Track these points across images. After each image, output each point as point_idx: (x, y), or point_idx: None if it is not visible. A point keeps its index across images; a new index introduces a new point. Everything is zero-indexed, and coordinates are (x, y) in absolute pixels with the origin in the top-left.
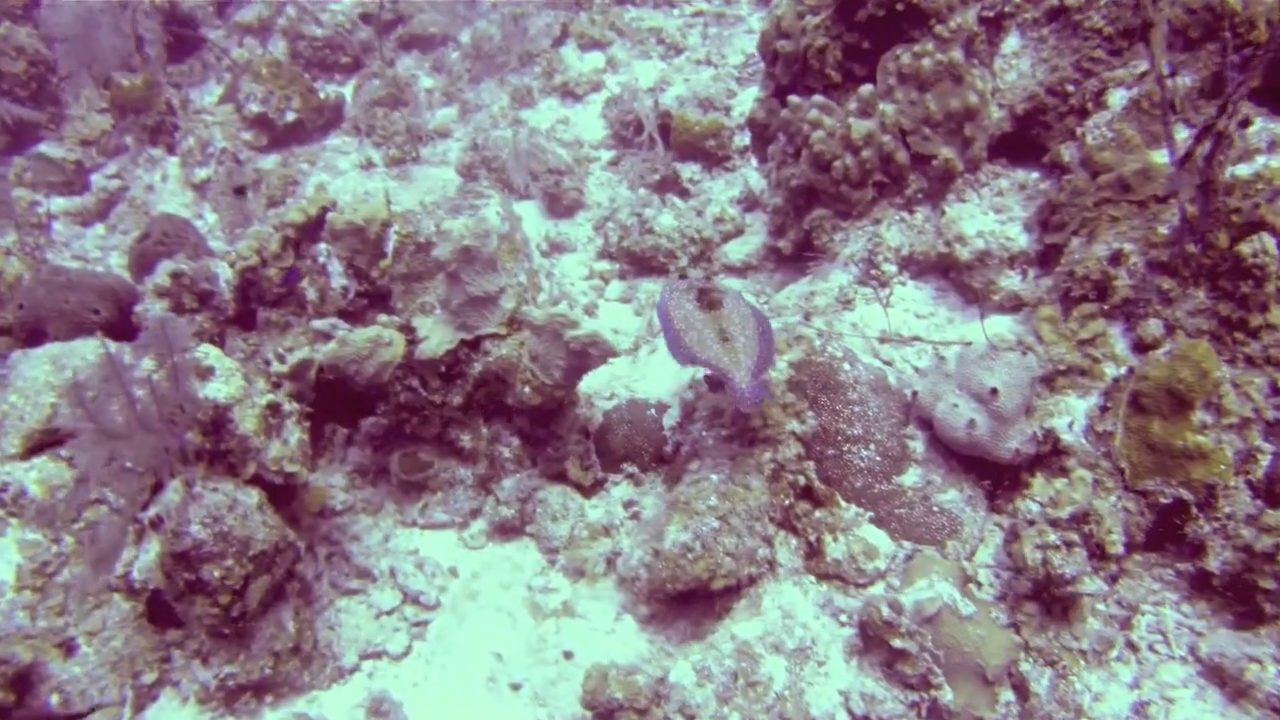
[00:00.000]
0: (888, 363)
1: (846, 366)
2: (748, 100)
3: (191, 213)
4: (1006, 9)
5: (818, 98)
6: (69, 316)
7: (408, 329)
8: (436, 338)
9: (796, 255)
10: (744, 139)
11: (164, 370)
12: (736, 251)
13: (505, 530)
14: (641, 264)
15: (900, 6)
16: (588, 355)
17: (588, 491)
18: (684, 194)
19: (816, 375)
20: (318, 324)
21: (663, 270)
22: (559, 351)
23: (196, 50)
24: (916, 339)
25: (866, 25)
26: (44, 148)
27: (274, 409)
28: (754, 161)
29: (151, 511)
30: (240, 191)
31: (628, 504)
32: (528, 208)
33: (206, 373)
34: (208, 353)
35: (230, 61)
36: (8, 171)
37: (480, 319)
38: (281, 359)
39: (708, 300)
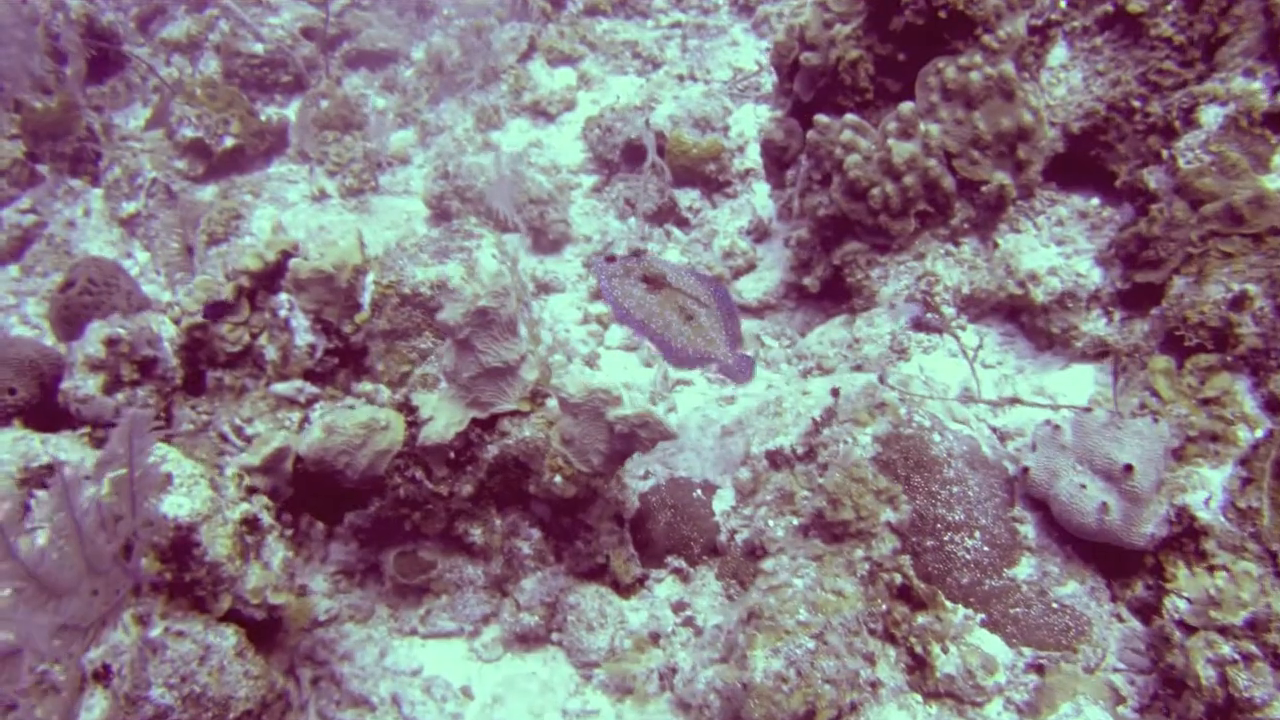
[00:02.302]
0: (961, 421)
1: (937, 438)
2: (745, 119)
3: (119, 251)
4: (1053, 16)
5: (850, 117)
6: None
7: (407, 407)
8: (444, 418)
9: (824, 293)
10: (744, 161)
11: (112, 484)
12: (751, 289)
13: (526, 639)
14: None
15: (942, 14)
16: (635, 438)
17: (626, 591)
18: (683, 224)
19: (907, 451)
20: (280, 388)
21: None
22: (600, 434)
23: (119, 70)
24: (1017, 401)
25: (902, 35)
26: None
27: (251, 524)
28: (757, 187)
29: (94, 654)
30: (190, 250)
31: (677, 606)
32: (509, 243)
33: (163, 482)
34: (164, 454)
35: (158, 81)
36: None
37: (497, 394)
38: (240, 432)
39: (653, 281)
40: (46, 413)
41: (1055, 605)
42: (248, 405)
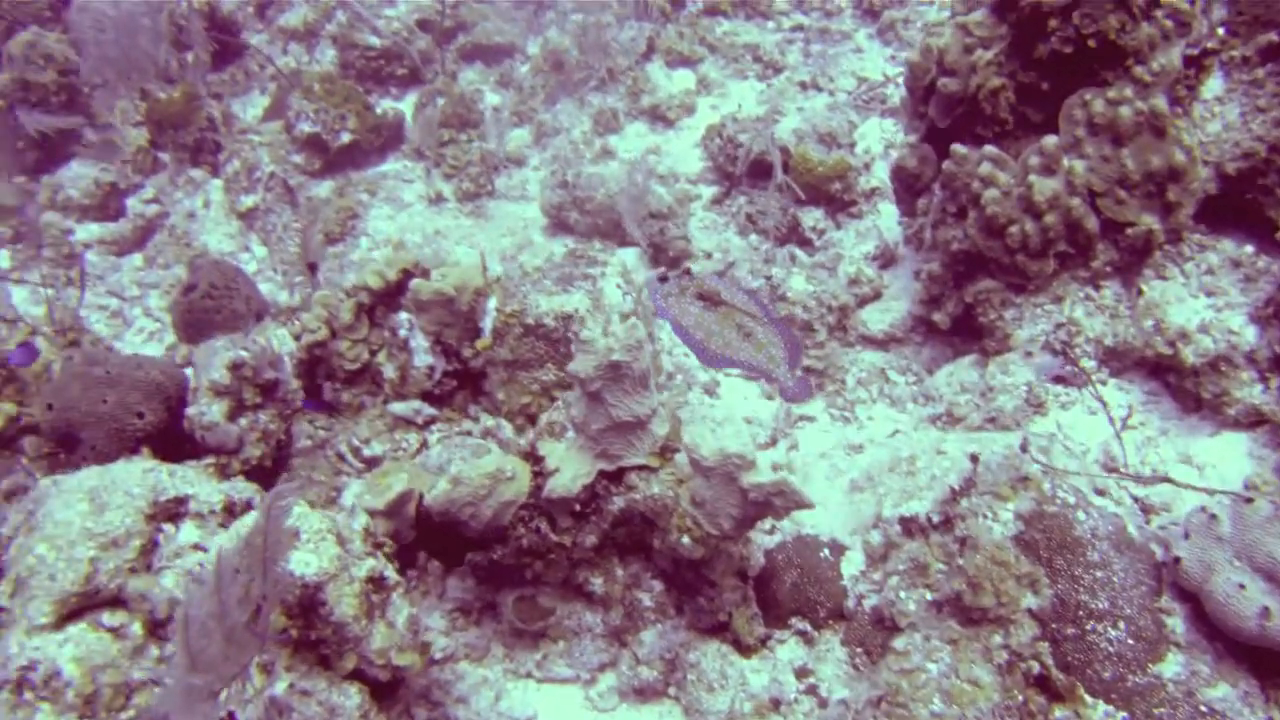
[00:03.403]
0: (1100, 491)
1: (1081, 516)
2: (871, 133)
3: (237, 244)
4: (1210, 45)
5: (990, 149)
6: (107, 421)
7: (533, 456)
8: (571, 470)
9: (954, 329)
10: (870, 180)
11: (247, 548)
12: (877, 320)
13: (643, 693)
14: None
15: (1091, 43)
16: (769, 505)
17: (748, 651)
18: (805, 244)
19: (1050, 531)
20: (397, 408)
21: None
22: (732, 498)
23: (238, 57)
24: (1168, 480)
25: (1047, 63)
26: (75, 166)
27: (376, 582)
28: (883, 207)
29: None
30: (314, 268)
31: (800, 671)
32: (625, 255)
33: (292, 538)
34: (293, 509)
35: (275, 71)
36: (37, 192)
37: (625, 447)
38: (358, 453)
39: (709, 299)
40: (172, 437)
41: (1204, 709)
42: (365, 424)
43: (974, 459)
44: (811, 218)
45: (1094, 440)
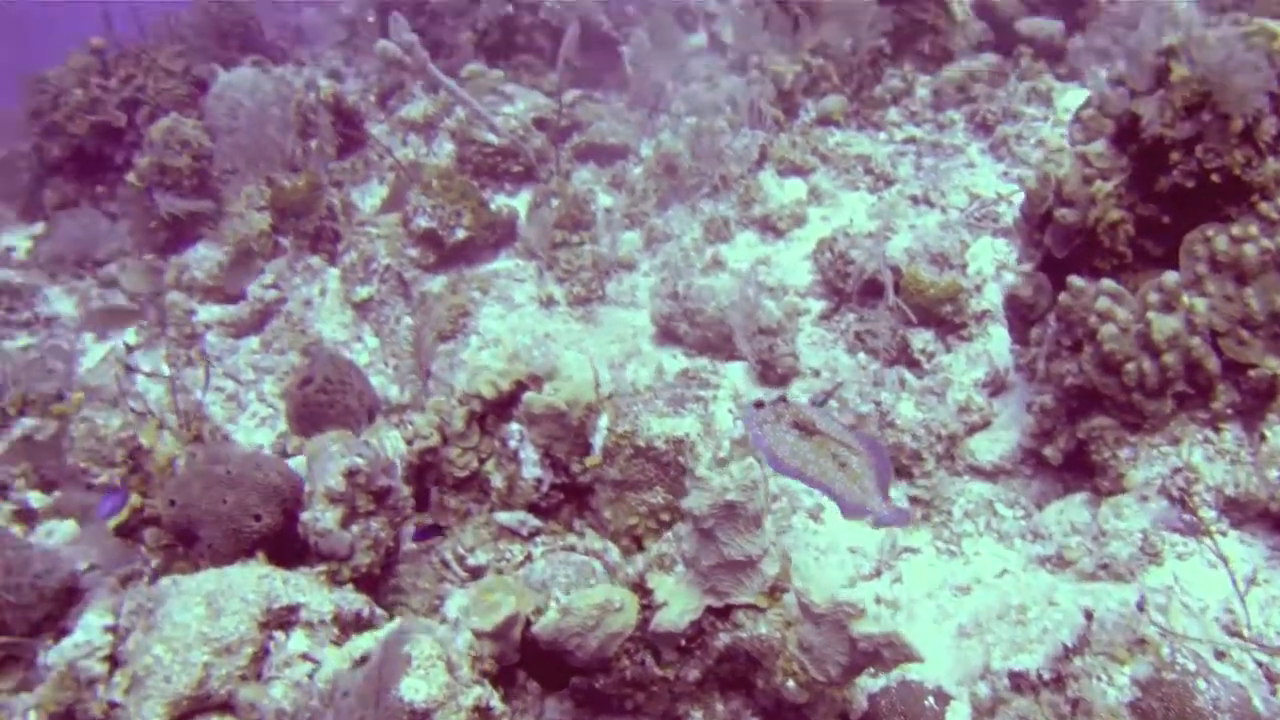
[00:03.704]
0: (1221, 655)
1: (1202, 685)
2: (983, 253)
3: (350, 334)
4: None
5: (1108, 283)
6: (225, 520)
7: (641, 589)
8: (679, 605)
9: (1066, 464)
10: (981, 302)
11: (363, 677)
12: (986, 450)
13: None
14: None
15: (1215, 177)
16: (878, 656)
17: None
18: (913, 365)
19: (1169, 700)
20: (503, 518)
21: (902, 473)
22: (841, 646)
23: (359, 147)
24: None
25: (1168, 196)
26: (201, 248)
27: (482, 712)
28: (993, 330)
29: None
30: (429, 374)
31: None
32: (733, 369)
33: (404, 664)
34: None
35: (394, 162)
36: (165, 271)
37: (735, 585)
38: (462, 561)
39: (805, 427)
40: (286, 540)
41: None
42: (470, 532)
43: (1088, 615)
44: (921, 339)
45: (1214, 597)
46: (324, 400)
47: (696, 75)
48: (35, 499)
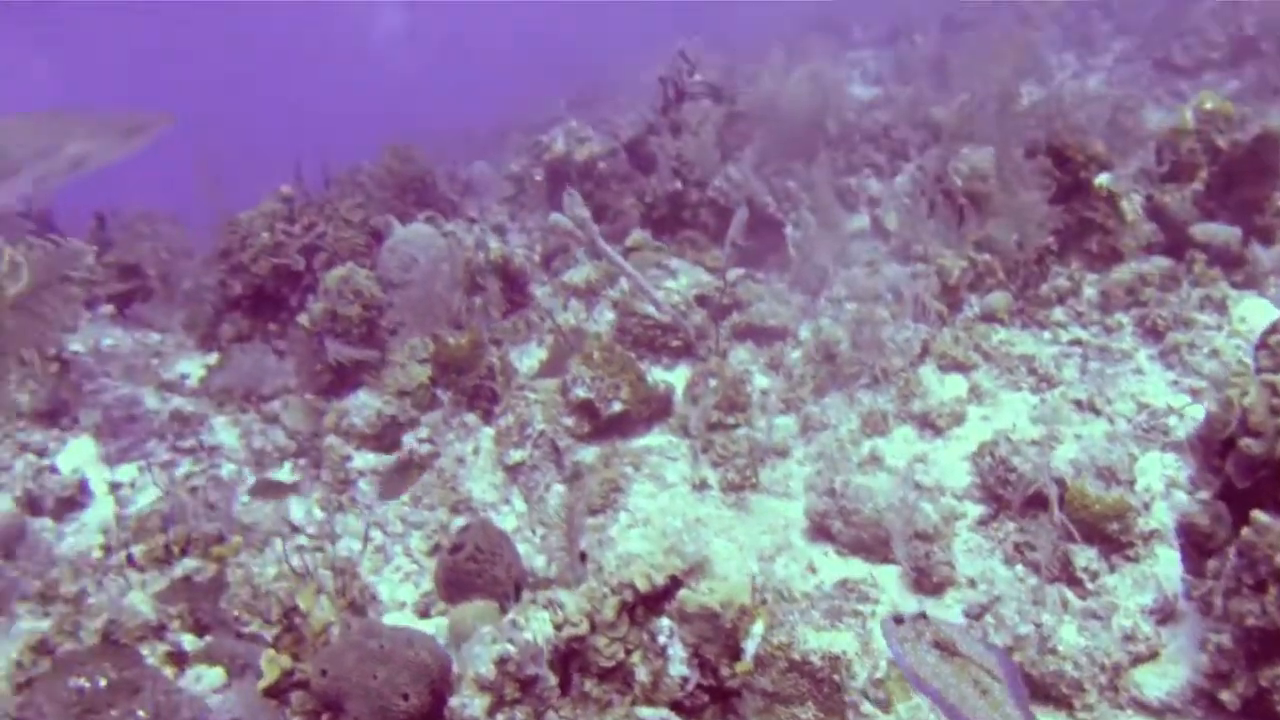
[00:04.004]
0: None
1: None
2: (1151, 468)
3: (499, 496)
4: None
5: None
6: (374, 697)
7: None
8: None
9: (1244, 712)
10: (1149, 521)
11: None
12: (1153, 685)
13: None
14: (1034, 689)
15: None
16: None
17: None
18: (1076, 584)
19: None
20: (645, 713)
21: (1063, 703)
22: None
23: (521, 307)
24: None
25: None
26: (362, 395)
27: None
28: (1160, 551)
29: None
30: (584, 557)
31: None
32: (886, 574)
33: None
34: None
35: (555, 327)
36: (326, 413)
37: None
38: None
39: (946, 648)
40: None
41: None
42: None
43: None
44: (1085, 557)
45: None
46: (473, 569)
47: (858, 259)
48: (188, 641)
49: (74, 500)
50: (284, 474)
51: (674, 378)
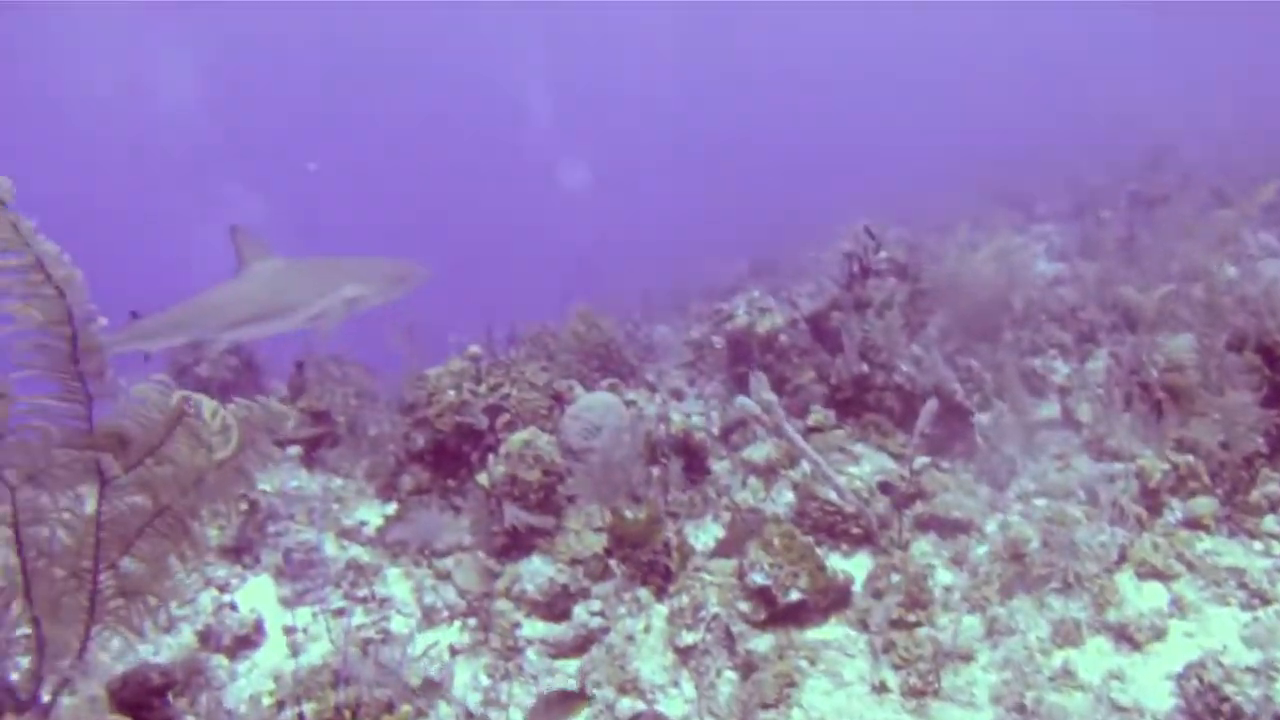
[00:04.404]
0: None
1: None
2: None
3: (668, 678)
4: None
5: None
6: None
7: None
8: None
9: None
10: None
11: None
12: None
13: None
14: None
15: None
16: None
17: None
18: None
19: None
20: None
21: None
22: None
23: (698, 483)
24: None
25: None
26: (536, 560)
27: None
28: None
29: None
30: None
31: None
32: None
33: None
34: None
35: (732, 504)
36: (499, 576)
37: None
38: None
39: None
40: None
41: None
42: None
43: None
44: None
45: None
46: None
47: (1047, 449)
48: None
49: (249, 639)
50: (452, 634)
51: (853, 566)
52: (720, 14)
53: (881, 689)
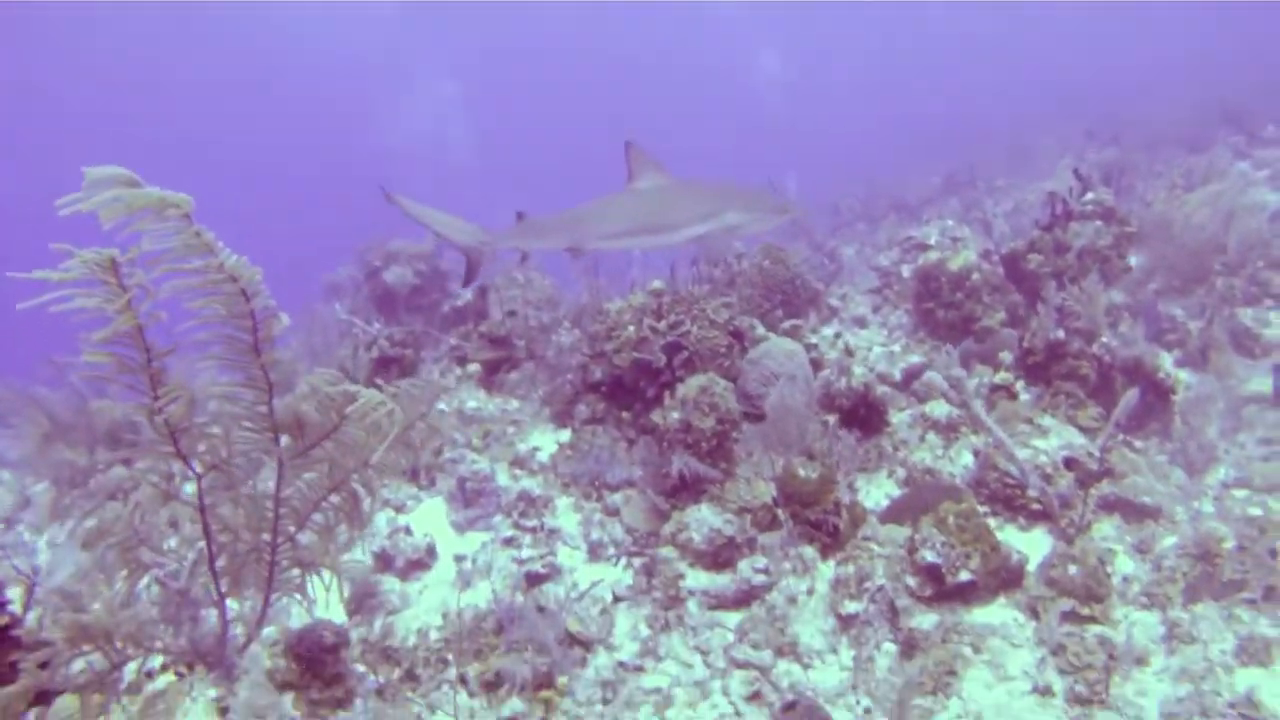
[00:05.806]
0: None
1: None
2: None
3: (828, 643)
4: None
5: None
6: None
7: None
8: None
9: None
10: None
11: None
12: None
13: None
14: None
15: None
16: None
17: None
18: None
19: None
20: None
21: None
22: None
23: (876, 433)
24: None
25: None
26: (705, 508)
27: None
28: None
29: None
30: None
31: None
32: None
33: None
34: None
35: (908, 469)
36: (667, 518)
37: None
38: None
39: None
40: None
41: None
42: None
43: None
44: None
45: None
46: None
47: (1253, 428)
48: None
49: (421, 562)
50: (616, 572)
51: (1029, 543)
52: None
53: (1046, 692)
